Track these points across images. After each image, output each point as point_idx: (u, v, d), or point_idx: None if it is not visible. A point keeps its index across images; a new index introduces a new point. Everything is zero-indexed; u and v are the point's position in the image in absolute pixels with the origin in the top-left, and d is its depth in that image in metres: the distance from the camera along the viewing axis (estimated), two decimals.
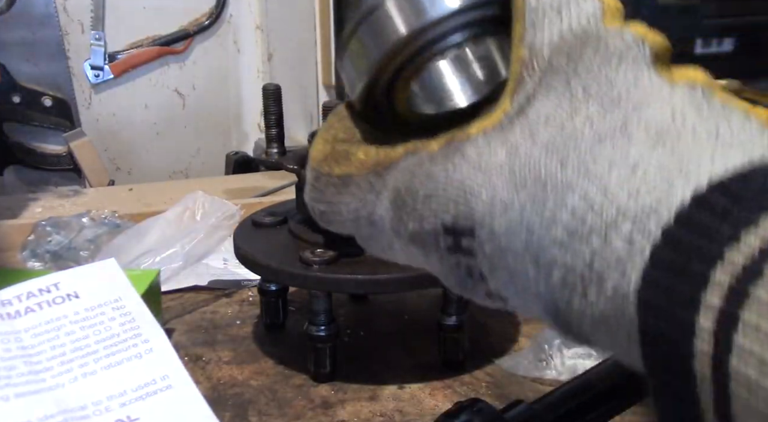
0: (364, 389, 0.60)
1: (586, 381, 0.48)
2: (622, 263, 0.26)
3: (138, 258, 0.81)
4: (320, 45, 1.59)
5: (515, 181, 0.29)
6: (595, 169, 0.27)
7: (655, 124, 0.27)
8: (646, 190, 0.26)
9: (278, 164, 0.66)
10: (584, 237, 0.27)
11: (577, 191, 0.27)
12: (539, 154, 0.28)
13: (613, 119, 0.28)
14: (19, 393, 0.42)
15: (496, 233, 0.29)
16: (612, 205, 0.27)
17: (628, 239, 0.26)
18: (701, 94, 0.28)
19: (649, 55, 0.29)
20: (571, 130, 0.28)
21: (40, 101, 1.58)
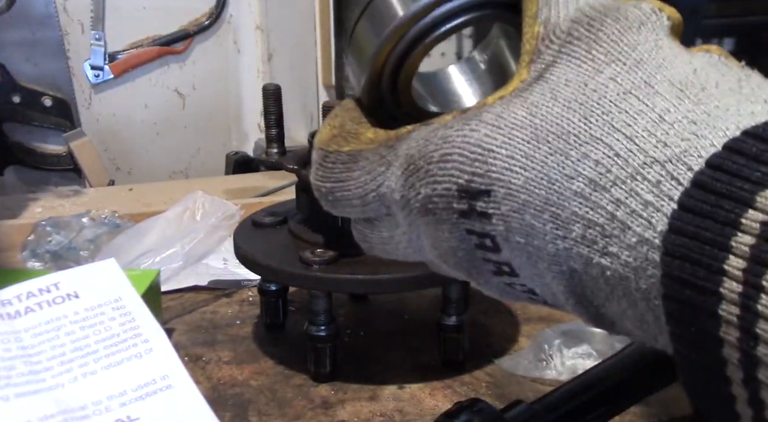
0: (364, 389, 0.60)
1: (586, 381, 0.48)
2: (648, 210, 0.26)
3: (138, 258, 0.81)
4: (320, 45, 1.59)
5: (536, 136, 0.28)
6: (621, 120, 0.27)
7: (680, 79, 0.27)
8: (675, 137, 0.26)
9: (278, 164, 0.66)
10: (608, 188, 0.27)
11: (601, 142, 0.27)
12: (561, 110, 0.28)
13: (638, 76, 0.28)
14: (19, 393, 0.42)
15: (515, 190, 0.28)
16: (640, 153, 0.26)
17: (656, 185, 0.26)
18: (718, 59, 0.29)
19: (668, 24, 0.29)
20: (595, 86, 0.28)
21: (40, 101, 1.58)
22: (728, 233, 0.23)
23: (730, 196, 0.24)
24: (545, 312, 0.73)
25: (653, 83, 0.27)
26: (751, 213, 0.23)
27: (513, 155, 0.28)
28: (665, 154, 0.26)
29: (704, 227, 0.24)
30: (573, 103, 0.28)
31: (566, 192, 0.27)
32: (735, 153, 0.24)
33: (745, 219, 0.23)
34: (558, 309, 0.32)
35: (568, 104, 0.28)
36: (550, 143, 0.27)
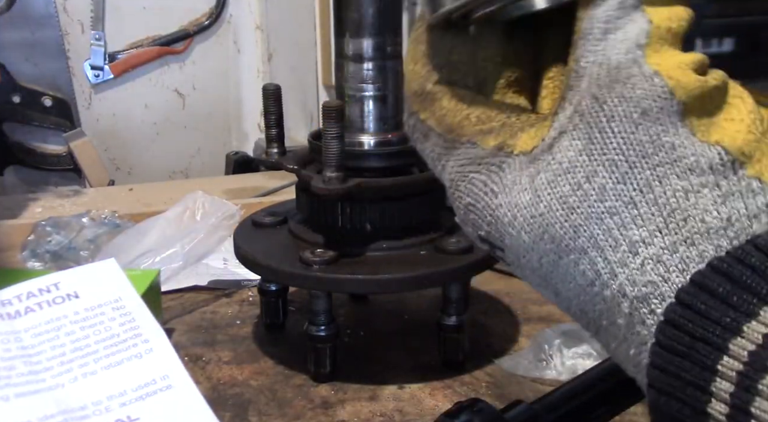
0: (364, 389, 0.60)
1: (586, 381, 0.48)
2: (624, 331, 0.29)
3: (138, 258, 0.81)
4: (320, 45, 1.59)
5: (535, 230, 0.31)
6: (604, 242, 0.29)
7: (665, 201, 0.28)
8: (641, 278, 0.28)
9: (278, 164, 0.66)
10: (593, 298, 0.30)
11: (587, 257, 0.29)
12: (556, 212, 0.30)
13: (625, 190, 0.29)
14: (19, 393, 0.42)
15: (521, 264, 0.33)
16: (615, 281, 0.29)
17: (628, 317, 0.28)
18: (730, 165, 0.28)
19: (678, 109, 0.28)
20: (586, 193, 0.29)
21: (40, 101, 1.58)
22: (708, 377, 0.25)
23: (704, 340, 0.26)
24: (545, 312, 0.73)
25: (638, 202, 0.28)
26: (726, 360, 0.25)
27: (519, 235, 0.32)
28: (633, 291, 0.28)
29: (684, 368, 0.26)
30: (566, 206, 0.30)
31: (561, 284, 0.31)
32: (703, 291, 0.26)
33: (722, 365, 0.25)
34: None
35: (562, 205, 0.30)
36: (546, 241, 0.31)
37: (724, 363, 0.25)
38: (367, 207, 0.61)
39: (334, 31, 0.63)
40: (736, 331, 0.25)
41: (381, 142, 0.63)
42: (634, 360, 0.28)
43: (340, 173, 0.58)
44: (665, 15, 0.29)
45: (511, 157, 0.33)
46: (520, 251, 0.32)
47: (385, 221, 0.62)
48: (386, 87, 0.62)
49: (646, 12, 0.29)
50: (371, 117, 0.63)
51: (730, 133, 0.28)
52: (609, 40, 0.29)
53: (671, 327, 0.26)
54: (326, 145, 0.57)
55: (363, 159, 0.63)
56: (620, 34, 0.29)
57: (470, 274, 0.63)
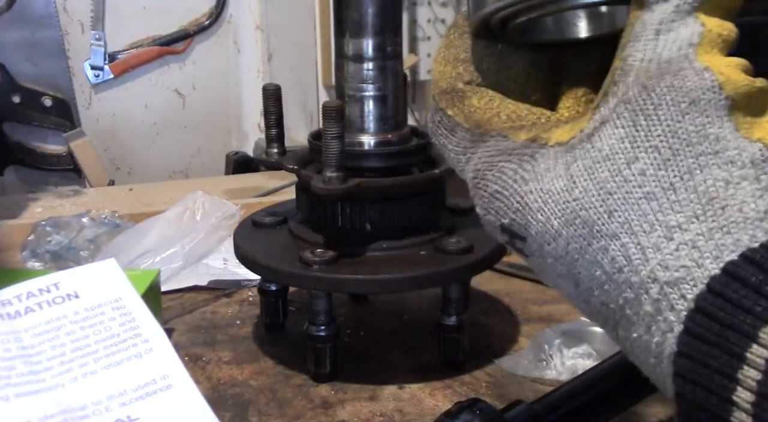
0: (364, 389, 0.60)
1: (586, 381, 0.48)
2: (648, 320, 0.29)
3: (138, 258, 0.81)
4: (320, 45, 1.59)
5: (567, 215, 0.31)
6: (638, 226, 0.29)
7: (704, 189, 0.28)
8: (676, 261, 0.28)
9: (278, 164, 0.66)
10: (620, 285, 0.30)
11: (618, 242, 0.30)
12: (591, 197, 0.30)
13: (666, 175, 0.29)
14: (19, 393, 0.42)
15: (544, 252, 0.33)
16: (646, 266, 0.29)
17: (656, 302, 0.28)
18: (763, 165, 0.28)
19: (725, 103, 0.29)
20: (626, 178, 0.30)
21: (40, 101, 1.58)
22: (735, 365, 0.25)
23: (734, 328, 0.26)
24: (545, 312, 0.73)
25: (677, 188, 0.29)
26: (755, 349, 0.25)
27: (546, 223, 0.32)
28: (665, 275, 0.28)
29: (712, 356, 0.26)
30: (603, 190, 0.30)
31: (585, 272, 0.31)
32: (735, 280, 0.26)
33: (751, 353, 0.25)
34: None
35: (599, 190, 0.30)
36: (577, 226, 0.31)
37: (753, 351, 0.25)
38: (367, 207, 0.61)
39: (334, 31, 0.63)
40: (767, 320, 0.25)
41: (381, 142, 0.63)
42: (657, 349, 0.28)
43: (340, 173, 0.58)
44: (717, 23, 0.30)
45: (545, 148, 0.33)
46: (546, 237, 0.32)
47: (385, 221, 0.62)
48: (386, 87, 0.62)
49: (700, 18, 0.30)
50: (371, 117, 0.63)
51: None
52: (660, 39, 0.30)
53: (701, 315, 0.26)
54: (326, 145, 0.57)
55: (363, 159, 0.63)
56: (673, 35, 0.30)
57: (470, 274, 0.63)
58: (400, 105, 0.64)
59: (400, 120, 0.65)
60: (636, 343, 0.30)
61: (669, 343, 0.28)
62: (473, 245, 0.61)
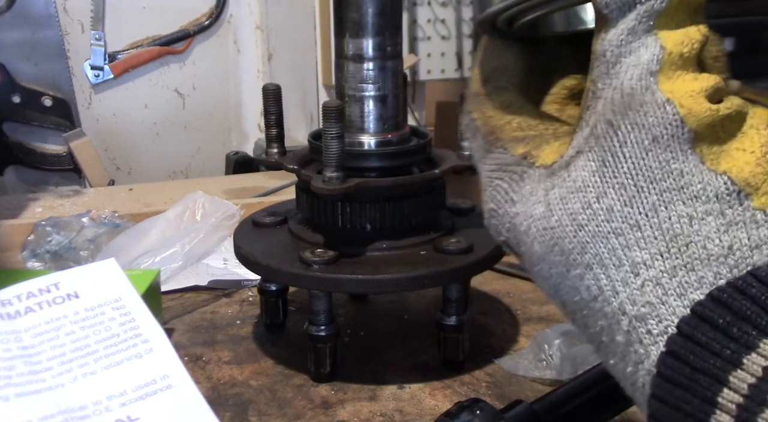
0: (364, 389, 0.60)
1: (586, 381, 0.48)
2: (622, 349, 0.29)
3: (138, 258, 0.81)
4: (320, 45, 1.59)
5: (546, 242, 0.33)
6: (608, 260, 0.30)
7: (669, 226, 0.29)
8: (641, 298, 0.29)
9: (278, 164, 0.66)
10: (596, 313, 0.31)
11: (592, 273, 0.31)
12: (566, 227, 0.32)
13: (631, 213, 0.30)
14: (19, 393, 0.42)
15: (535, 272, 0.34)
16: (616, 299, 0.30)
17: (627, 334, 0.29)
18: (735, 195, 0.28)
19: (688, 136, 0.29)
20: (595, 212, 0.31)
21: (40, 101, 1.58)
22: (708, 410, 0.25)
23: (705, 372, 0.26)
24: (545, 312, 0.73)
25: (642, 226, 0.29)
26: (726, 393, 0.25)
27: (532, 245, 0.34)
28: (632, 310, 0.29)
29: (684, 400, 0.26)
30: (575, 223, 0.31)
31: (567, 296, 0.32)
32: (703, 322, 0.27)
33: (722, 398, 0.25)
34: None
35: (572, 222, 0.31)
36: (555, 254, 0.32)
37: (725, 396, 0.25)
38: (367, 207, 0.61)
39: (334, 31, 0.63)
40: (737, 364, 0.25)
41: (381, 142, 0.63)
42: (631, 378, 0.29)
43: (340, 173, 0.58)
44: (678, 39, 0.29)
45: (532, 168, 0.34)
46: (534, 260, 0.34)
47: (385, 221, 0.62)
48: (386, 87, 0.62)
49: (659, 37, 0.29)
50: (371, 117, 0.63)
51: (739, 164, 0.28)
52: (622, 63, 0.30)
53: (673, 358, 0.27)
54: (326, 145, 0.57)
55: (363, 159, 0.63)
56: (633, 59, 0.30)
57: (470, 274, 0.63)
58: (400, 105, 0.64)
59: (400, 120, 0.65)
60: (615, 369, 0.31)
61: (641, 375, 0.28)
62: (473, 245, 0.61)
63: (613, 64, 0.30)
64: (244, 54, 1.77)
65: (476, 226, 0.66)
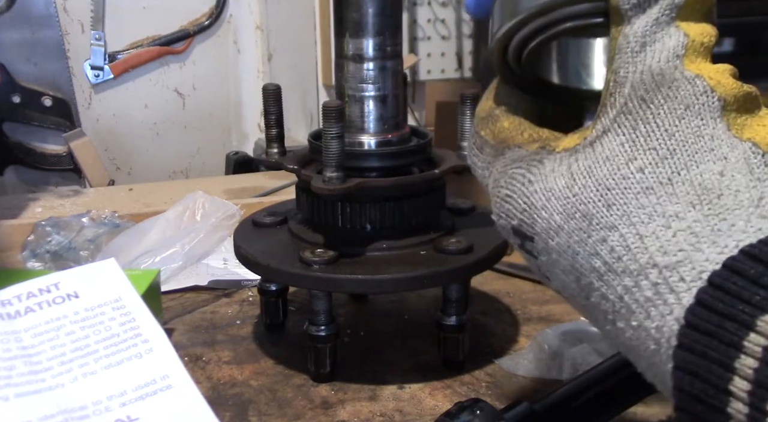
0: (364, 389, 0.60)
1: (586, 381, 0.48)
2: (648, 305, 0.29)
3: (138, 258, 0.81)
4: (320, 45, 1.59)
5: (567, 209, 0.33)
6: (636, 217, 0.31)
7: (700, 181, 0.30)
8: (675, 246, 0.29)
9: (278, 164, 0.66)
10: (619, 274, 0.31)
11: (617, 232, 0.31)
12: (590, 192, 0.32)
13: (663, 171, 0.31)
14: (19, 393, 0.42)
15: (549, 249, 0.34)
16: (645, 253, 0.30)
17: (655, 286, 0.29)
18: (760, 157, 0.30)
19: (718, 105, 0.31)
20: (625, 174, 0.32)
21: (40, 101, 1.58)
22: (732, 354, 0.26)
23: (732, 318, 0.26)
24: (545, 312, 0.73)
25: (674, 181, 0.30)
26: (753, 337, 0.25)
27: (549, 220, 0.34)
28: (664, 260, 0.29)
29: (710, 346, 0.26)
30: (602, 186, 0.32)
31: (586, 264, 0.32)
32: (734, 273, 0.27)
33: (748, 342, 0.25)
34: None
35: (598, 186, 0.32)
36: (577, 220, 0.33)
37: (751, 340, 0.25)
38: (367, 207, 0.61)
39: (334, 31, 0.63)
40: (765, 309, 0.25)
41: (381, 142, 0.63)
42: (656, 334, 0.29)
43: (340, 173, 0.58)
44: (698, 30, 0.32)
45: (552, 154, 0.35)
46: (550, 233, 0.34)
47: (385, 221, 0.62)
48: (386, 87, 0.62)
49: (681, 27, 0.32)
50: (371, 117, 0.63)
51: (761, 134, 0.31)
52: (647, 51, 0.32)
53: (701, 307, 0.27)
54: (326, 145, 0.57)
55: (363, 159, 0.63)
56: (658, 46, 0.32)
57: (470, 274, 0.63)
58: (400, 105, 0.64)
59: (400, 120, 0.65)
60: (635, 333, 0.30)
61: (669, 326, 0.28)
62: (473, 245, 0.61)
63: (638, 52, 0.32)
64: (244, 54, 1.77)
65: (476, 226, 0.66)
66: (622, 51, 0.33)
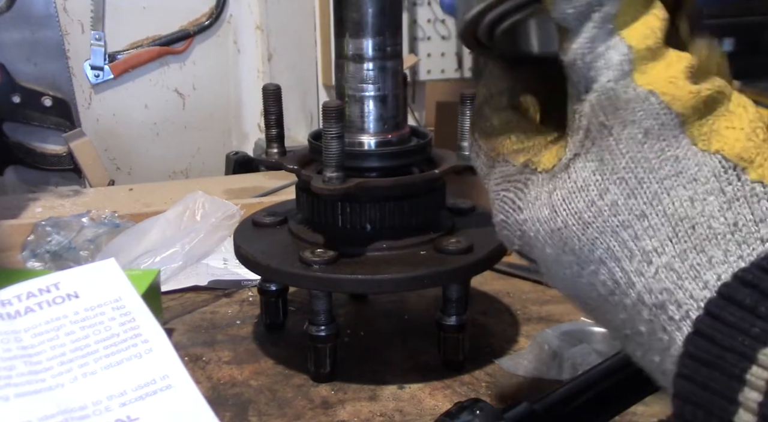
0: (364, 389, 0.60)
1: (586, 381, 0.48)
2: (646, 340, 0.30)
3: (138, 258, 0.81)
4: (320, 45, 1.59)
5: (556, 243, 0.33)
6: (620, 252, 0.30)
7: (673, 211, 0.29)
8: (657, 286, 0.29)
9: (278, 164, 0.66)
10: (615, 307, 0.31)
11: (605, 268, 0.31)
12: (572, 227, 0.32)
13: (635, 204, 0.30)
14: (19, 393, 0.42)
15: (551, 275, 0.35)
16: (633, 290, 0.30)
17: (648, 323, 0.29)
18: (732, 171, 0.29)
19: (677, 122, 0.30)
20: (600, 209, 0.31)
21: (40, 101, 1.58)
22: (735, 387, 0.26)
23: (732, 350, 0.26)
24: (545, 312, 0.73)
25: (648, 214, 0.30)
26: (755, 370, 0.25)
27: (543, 248, 0.34)
28: (651, 299, 0.29)
29: (712, 378, 0.26)
30: (581, 221, 0.32)
31: (585, 294, 0.33)
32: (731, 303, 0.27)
33: (750, 375, 0.25)
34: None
35: (578, 221, 0.32)
36: (567, 254, 0.33)
37: (753, 373, 0.25)
38: (367, 207, 0.61)
39: (334, 31, 0.63)
40: (766, 341, 0.25)
41: (381, 142, 0.63)
42: (660, 368, 0.29)
43: (340, 173, 0.58)
44: (641, 34, 0.30)
45: (534, 175, 0.35)
46: (548, 263, 0.34)
47: (385, 221, 0.62)
48: (386, 87, 0.62)
49: (622, 36, 0.30)
50: (371, 117, 0.63)
51: (730, 141, 0.29)
52: (595, 68, 0.31)
53: (700, 337, 0.27)
54: (326, 145, 0.57)
55: (363, 159, 0.63)
56: (603, 63, 0.31)
57: (470, 274, 0.63)
58: (400, 105, 0.64)
59: (400, 120, 0.65)
60: (643, 360, 0.31)
61: (669, 361, 0.28)
62: (473, 245, 0.61)
63: (587, 70, 0.31)
64: (244, 54, 1.77)
65: (476, 226, 0.66)
66: (571, 68, 0.32)
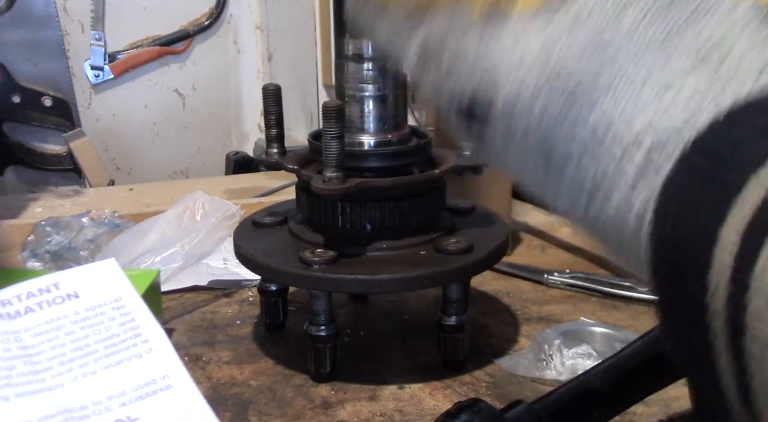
0: (364, 389, 0.60)
1: (586, 381, 0.48)
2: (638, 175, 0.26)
3: (138, 258, 0.81)
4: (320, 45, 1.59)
5: (542, 84, 0.28)
6: (628, 85, 0.26)
7: (701, 42, 0.26)
8: (674, 111, 0.25)
9: (278, 164, 0.66)
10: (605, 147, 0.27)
11: (604, 101, 0.27)
12: (572, 57, 0.27)
13: (661, 28, 0.26)
14: (19, 393, 0.42)
15: (512, 126, 0.29)
16: (637, 120, 0.26)
17: (647, 155, 0.26)
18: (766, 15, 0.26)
19: None
20: (614, 34, 0.27)
21: (40, 101, 1.58)
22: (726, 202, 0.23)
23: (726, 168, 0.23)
24: (545, 312, 0.73)
25: (674, 42, 0.26)
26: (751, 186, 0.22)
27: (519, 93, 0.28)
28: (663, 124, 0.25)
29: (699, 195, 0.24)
30: (589, 49, 0.27)
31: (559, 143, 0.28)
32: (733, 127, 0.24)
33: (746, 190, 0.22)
34: None
35: (584, 50, 0.27)
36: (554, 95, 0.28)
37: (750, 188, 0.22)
38: (367, 207, 0.61)
39: (334, 31, 0.63)
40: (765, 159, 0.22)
41: (381, 142, 0.63)
42: (639, 210, 0.26)
43: (340, 173, 0.58)
44: None
45: (509, 19, 0.30)
46: (517, 108, 0.29)
47: (385, 221, 0.62)
48: (386, 87, 0.62)
49: None
50: (371, 117, 0.63)
51: None
52: None
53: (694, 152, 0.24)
54: (326, 145, 0.57)
55: (363, 159, 0.63)
56: None
57: (470, 274, 0.63)
58: (400, 105, 0.64)
59: (400, 120, 0.65)
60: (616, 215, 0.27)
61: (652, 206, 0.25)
62: (473, 245, 0.61)
63: None
64: (244, 54, 1.77)
65: (476, 226, 0.66)
66: None
